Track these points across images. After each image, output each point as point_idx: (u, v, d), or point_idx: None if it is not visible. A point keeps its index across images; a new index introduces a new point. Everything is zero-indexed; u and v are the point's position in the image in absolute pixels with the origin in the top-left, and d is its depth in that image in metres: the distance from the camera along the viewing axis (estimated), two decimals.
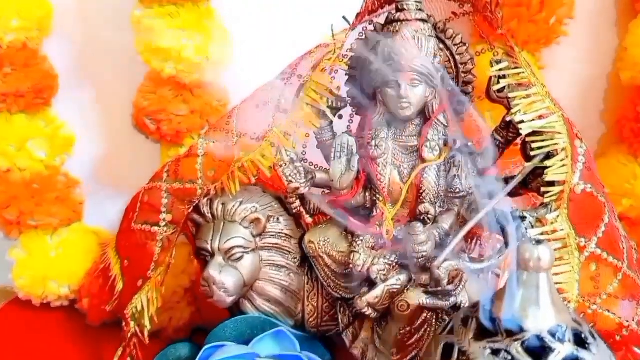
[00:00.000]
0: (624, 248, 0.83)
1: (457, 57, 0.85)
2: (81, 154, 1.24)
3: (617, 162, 1.07)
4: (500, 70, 0.75)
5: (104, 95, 1.25)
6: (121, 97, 1.20)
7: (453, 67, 0.85)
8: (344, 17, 0.79)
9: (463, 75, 0.85)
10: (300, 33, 1.20)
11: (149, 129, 1.11)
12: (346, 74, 0.88)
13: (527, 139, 0.75)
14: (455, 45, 0.84)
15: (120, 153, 1.28)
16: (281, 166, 0.80)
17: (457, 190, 0.80)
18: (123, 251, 1.02)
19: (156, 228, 0.93)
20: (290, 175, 0.80)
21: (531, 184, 0.80)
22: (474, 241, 0.86)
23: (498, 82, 0.76)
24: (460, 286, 0.74)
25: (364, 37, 0.87)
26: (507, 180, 0.82)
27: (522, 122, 0.73)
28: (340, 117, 0.89)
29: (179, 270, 1.10)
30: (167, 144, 1.15)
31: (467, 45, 0.85)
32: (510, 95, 0.75)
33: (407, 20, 0.78)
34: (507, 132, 0.81)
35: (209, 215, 0.82)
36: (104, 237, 1.23)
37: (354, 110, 0.93)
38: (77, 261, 1.17)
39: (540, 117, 0.73)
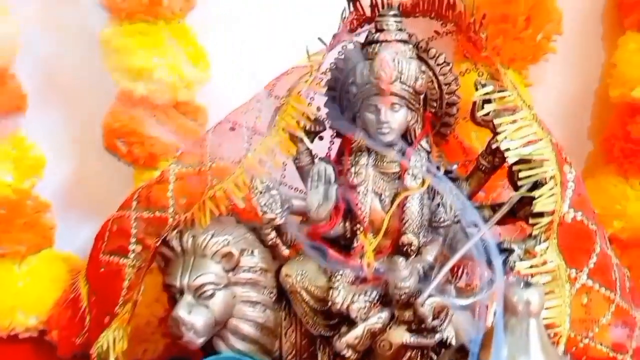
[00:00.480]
0: (616, 278, 0.80)
1: (441, 78, 0.81)
2: (52, 175, 1.20)
3: (606, 183, 1.04)
4: (485, 94, 0.72)
5: (75, 115, 1.20)
6: (92, 117, 1.15)
7: (436, 87, 0.81)
8: (319, 39, 0.75)
9: (447, 96, 0.82)
10: (281, 48, 1.18)
11: (121, 151, 1.06)
12: (325, 95, 0.85)
13: (514, 168, 0.71)
14: (438, 65, 0.80)
15: (92, 175, 1.23)
16: (256, 195, 0.76)
17: (442, 219, 0.76)
18: (92, 283, 0.97)
19: (125, 260, 0.88)
20: (265, 205, 0.76)
21: (519, 212, 0.76)
22: (461, 269, 0.83)
23: (483, 107, 0.73)
24: (446, 321, 0.70)
25: (343, 56, 0.83)
26: (493, 208, 0.79)
27: (508, 149, 0.69)
28: (321, 138, 0.85)
29: (152, 298, 1.05)
30: (141, 167, 1.11)
31: (451, 65, 0.82)
32: (496, 121, 0.71)
33: (387, 41, 0.74)
34: (494, 157, 0.77)
35: (179, 249, 0.77)
36: (75, 263, 1.18)
37: (334, 133, 0.89)
38: (46, 290, 1.11)
39: (527, 144, 0.69)
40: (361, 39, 0.85)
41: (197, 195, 0.87)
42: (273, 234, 0.78)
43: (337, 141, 0.89)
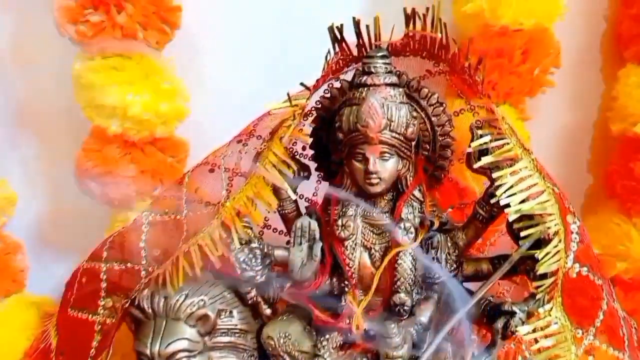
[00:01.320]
0: (624, 334, 0.74)
1: (434, 119, 0.75)
2: (24, 213, 1.15)
3: (608, 221, 0.99)
4: (482, 144, 0.66)
5: (48, 151, 1.15)
6: (66, 153, 1.09)
7: (429, 129, 0.75)
8: (302, 84, 0.70)
9: (440, 138, 0.76)
10: (264, 80, 1.14)
11: (94, 192, 1.00)
12: (310, 136, 0.79)
13: (515, 226, 0.66)
14: (431, 105, 0.75)
15: (66, 213, 1.18)
16: (234, 250, 0.70)
17: (437, 275, 0.70)
18: (60, 337, 0.90)
19: (94, 317, 0.82)
20: (244, 261, 0.69)
21: (519, 267, 0.70)
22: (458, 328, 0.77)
23: (479, 158, 0.67)
24: None
25: (329, 94, 0.78)
26: (492, 262, 0.73)
27: (508, 205, 0.64)
28: (307, 177, 0.80)
29: (130, 347, 0.99)
30: (117, 208, 1.05)
31: (444, 105, 0.76)
32: (494, 174, 0.65)
33: (375, 85, 0.68)
34: (492, 206, 0.71)
35: (149, 311, 0.70)
36: (48, 306, 1.11)
37: (320, 176, 0.84)
38: (16, 339, 1.04)
39: (528, 198, 0.64)
40: (348, 76, 0.81)
41: (172, 247, 0.81)
42: (253, 292, 0.72)
43: (325, 184, 0.84)
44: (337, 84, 0.79)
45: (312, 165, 0.82)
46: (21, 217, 1.14)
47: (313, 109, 0.80)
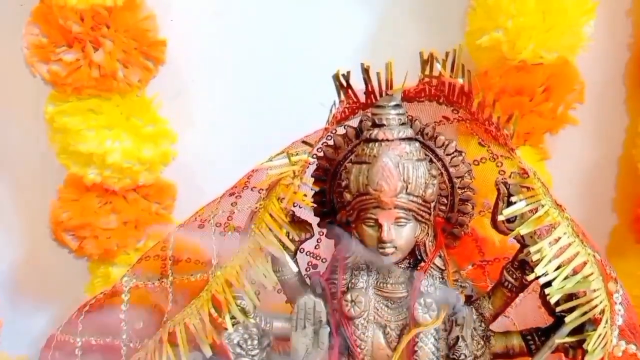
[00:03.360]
0: None
1: (452, 170, 0.66)
2: None
3: (637, 269, 0.90)
4: (516, 210, 0.58)
5: (22, 199, 1.04)
6: (42, 200, 0.99)
7: (447, 181, 0.66)
8: (303, 141, 0.61)
9: (460, 191, 0.66)
10: (257, 115, 1.05)
11: (71, 246, 0.91)
12: (312, 189, 0.70)
13: (557, 309, 0.56)
14: (448, 155, 0.65)
15: (43, 263, 1.07)
16: (226, 330, 0.61)
17: (462, 356, 0.60)
18: None
19: None
20: (238, 343, 0.60)
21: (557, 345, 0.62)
22: None
23: (510, 222, 0.59)
24: None
25: (332, 143, 0.69)
26: (525, 337, 0.64)
27: (548, 285, 0.55)
28: (309, 238, 0.68)
29: None
30: (96, 261, 0.95)
31: (463, 154, 0.67)
32: (532, 248, 0.56)
33: (388, 140, 0.59)
34: (523, 273, 0.62)
35: None
36: None
37: (321, 232, 0.75)
38: None
39: (571, 274, 0.55)
40: (354, 121, 0.72)
41: (157, 318, 0.72)
42: None
43: (327, 241, 0.75)
44: (341, 130, 0.71)
45: (314, 219, 0.74)
46: None
47: (314, 156, 0.72)
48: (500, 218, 0.58)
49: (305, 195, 0.72)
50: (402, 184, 0.58)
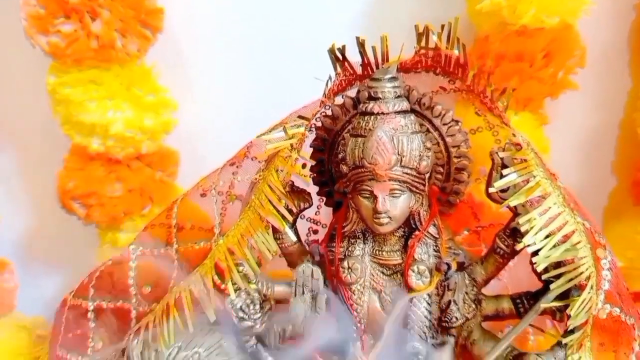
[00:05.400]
0: None
1: (448, 140, 0.67)
2: (7, 231, 1.08)
3: (634, 232, 0.92)
4: (507, 182, 0.58)
5: (29, 168, 1.06)
6: (48, 170, 1.01)
7: (443, 150, 0.67)
8: (300, 116, 0.62)
9: (456, 160, 0.67)
10: (256, 81, 1.04)
11: (79, 213, 0.93)
12: (309, 161, 0.71)
13: (544, 277, 0.58)
14: (445, 124, 0.66)
15: (52, 229, 1.10)
16: (229, 298, 0.64)
17: (454, 319, 0.63)
18: None
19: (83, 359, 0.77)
20: (241, 309, 0.63)
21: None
22: None
23: (504, 191, 0.59)
24: None
25: (331, 114, 0.69)
26: (514, 301, 0.66)
27: (536, 254, 0.56)
28: (308, 207, 0.69)
29: None
30: (104, 228, 0.98)
31: (460, 123, 0.68)
32: (521, 219, 0.58)
33: (383, 113, 0.60)
34: (514, 240, 0.63)
35: None
36: (40, 328, 1.05)
37: (321, 200, 0.76)
38: None
39: (560, 242, 0.56)
40: (352, 91, 0.72)
41: (164, 283, 0.75)
42: (253, 340, 0.66)
43: (327, 208, 0.77)
44: (339, 100, 0.71)
45: (313, 188, 0.75)
46: (4, 235, 1.08)
47: (313, 126, 0.73)
48: (492, 190, 0.60)
49: (304, 166, 0.74)
50: (396, 157, 0.59)
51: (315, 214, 0.80)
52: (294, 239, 0.66)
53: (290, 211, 0.67)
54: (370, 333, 0.64)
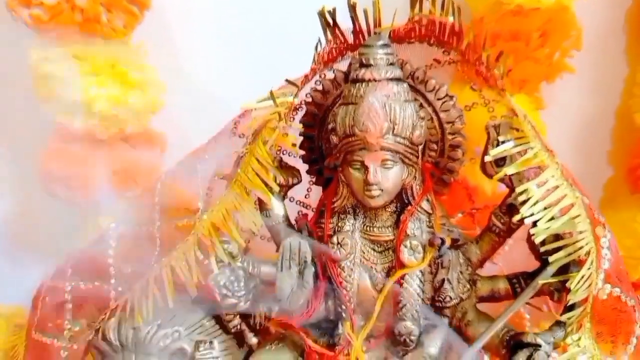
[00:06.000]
0: None
1: (442, 115, 0.64)
2: None
3: (632, 220, 0.90)
4: (504, 151, 0.57)
5: (11, 150, 1.03)
6: (31, 151, 0.96)
7: (437, 127, 0.65)
8: (287, 80, 0.59)
9: (450, 137, 0.65)
10: (245, 63, 1.02)
11: (60, 196, 0.90)
12: (301, 134, 0.69)
13: (542, 249, 0.56)
14: (439, 99, 0.64)
15: (36, 213, 1.06)
16: (212, 273, 0.61)
17: (447, 298, 0.60)
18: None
19: (59, 342, 0.73)
20: (224, 286, 0.60)
21: (542, 287, 0.62)
22: None
23: (498, 164, 0.58)
24: None
25: (321, 88, 0.67)
26: (510, 281, 0.64)
27: (534, 225, 0.54)
28: (297, 183, 0.67)
29: None
30: (86, 212, 0.94)
31: (455, 99, 0.66)
32: (518, 188, 0.56)
33: (375, 80, 0.58)
34: (510, 217, 0.61)
35: (116, 343, 0.61)
36: (19, 318, 1.01)
37: (312, 179, 0.74)
38: None
39: (558, 215, 0.54)
40: (343, 65, 0.70)
41: (145, 264, 0.72)
42: (237, 320, 0.63)
43: (317, 190, 0.75)
44: (330, 75, 0.69)
45: (303, 167, 0.73)
46: None
47: (303, 102, 0.71)
48: (488, 159, 0.57)
49: (294, 145, 0.72)
50: (388, 124, 0.56)
51: (305, 197, 0.78)
52: (282, 212, 0.63)
53: (279, 185, 0.65)
54: (360, 312, 0.61)
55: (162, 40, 0.92)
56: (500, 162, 0.62)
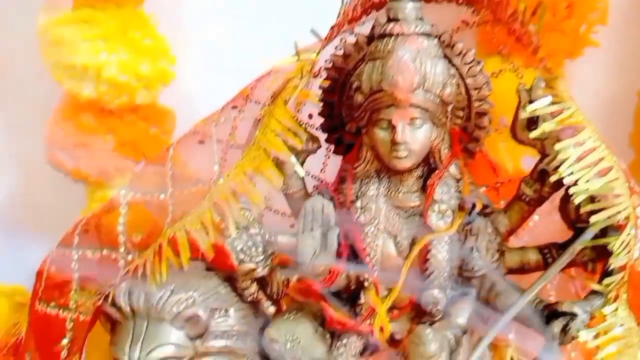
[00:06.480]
0: None
1: (469, 81, 0.61)
2: None
3: None
4: (540, 108, 0.54)
5: (15, 122, 1.00)
6: (36, 124, 0.95)
7: (463, 93, 0.62)
8: (312, 31, 0.57)
9: (476, 103, 0.62)
10: (262, 38, 0.99)
11: (66, 167, 0.87)
12: (320, 101, 0.67)
13: (583, 209, 0.53)
14: (466, 64, 0.61)
15: (39, 191, 1.04)
16: (229, 237, 0.58)
17: (476, 267, 0.58)
18: (28, 335, 0.78)
19: (65, 312, 0.70)
20: (242, 250, 0.57)
21: (576, 257, 0.59)
22: None
23: (533, 125, 0.55)
24: None
25: (342, 52, 0.65)
26: (542, 252, 0.61)
27: (574, 184, 0.51)
28: (316, 150, 0.65)
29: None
30: (93, 184, 0.92)
31: (482, 64, 0.63)
32: (558, 146, 0.53)
33: (404, 34, 0.55)
34: (542, 185, 0.59)
35: (127, 309, 0.57)
36: (22, 297, 0.99)
37: (329, 148, 0.71)
38: None
39: (597, 175, 0.51)
40: (365, 29, 0.68)
41: (155, 232, 0.69)
42: (253, 288, 0.60)
43: (335, 158, 0.72)
44: (351, 39, 0.67)
45: (321, 136, 0.71)
46: None
47: (322, 69, 0.68)
48: (523, 115, 0.55)
49: (310, 116, 0.69)
50: (419, 78, 0.54)
51: (321, 171, 0.76)
52: (302, 174, 0.60)
53: (298, 152, 0.62)
54: (384, 280, 0.58)
55: (172, 11, 0.90)
56: (532, 126, 0.60)
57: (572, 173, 0.50)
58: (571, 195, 0.57)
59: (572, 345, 0.63)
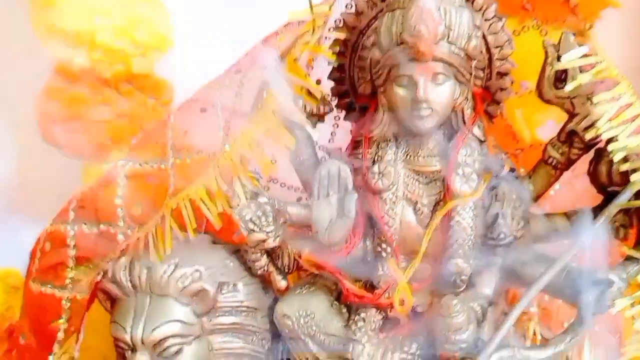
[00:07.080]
0: None
1: (490, 38, 0.57)
2: None
3: None
4: (574, 57, 0.50)
5: (6, 95, 0.96)
6: (28, 97, 0.91)
7: (484, 51, 0.57)
8: None
9: (498, 62, 0.58)
10: (262, 7, 0.96)
11: (60, 141, 0.83)
12: (330, 63, 0.62)
13: (623, 167, 0.49)
14: (487, 20, 0.56)
15: (33, 175, 1.01)
16: (237, 207, 0.54)
17: (501, 235, 0.54)
18: (22, 316, 0.75)
19: (61, 292, 0.67)
20: (251, 220, 0.53)
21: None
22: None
23: (562, 79, 0.51)
24: None
25: (354, 10, 0.60)
26: (570, 217, 0.58)
27: (613, 140, 0.48)
28: (329, 112, 0.61)
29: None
30: (89, 160, 0.88)
31: (504, 20, 0.59)
32: (595, 98, 0.49)
33: None
34: (570, 147, 0.55)
35: (128, 285, 0.54)
36: (15, 280, 0.96)
37: (340, 112, 0.67)
38: None
39: (635, 132, 0.48)
40: None
41: (158, 204, 0.66)
42: (264, 260, 0.56)
43: (343, 127, 0.68)
44: None
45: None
46: None
47: (332, 29, 0.64)
48: (554, 69, 0.51)
49: (319, 82, 0.65)
50: (443, 29, 0.50)
51: (329, 141, 0.73)
52: (311, 149, 0.56)
53: (309, 115, 0.58)
54: (403, 251, 0.54)
55: None
56: (559, 85, 0.57)
57: (609, 129, 0.47)
58: (601, 158, 0.55)
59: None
